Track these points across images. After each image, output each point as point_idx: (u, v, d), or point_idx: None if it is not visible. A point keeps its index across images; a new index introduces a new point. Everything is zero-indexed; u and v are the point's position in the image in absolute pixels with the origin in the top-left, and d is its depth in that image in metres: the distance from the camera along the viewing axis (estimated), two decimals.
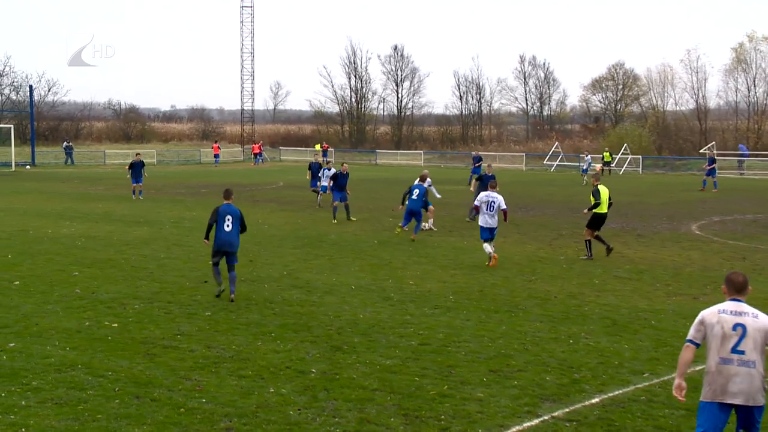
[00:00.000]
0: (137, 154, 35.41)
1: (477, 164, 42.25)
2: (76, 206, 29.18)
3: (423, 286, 15.05)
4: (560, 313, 12.88)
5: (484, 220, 17.41)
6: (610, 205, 18.64)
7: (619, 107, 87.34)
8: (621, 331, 11.70)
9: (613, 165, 59.06)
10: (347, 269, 16.72)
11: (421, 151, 73.32)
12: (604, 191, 18.46)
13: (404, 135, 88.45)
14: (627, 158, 61.38)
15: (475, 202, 17.73)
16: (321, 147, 71.13)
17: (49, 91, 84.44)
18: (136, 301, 13.38)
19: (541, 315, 12.72)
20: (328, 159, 41.45)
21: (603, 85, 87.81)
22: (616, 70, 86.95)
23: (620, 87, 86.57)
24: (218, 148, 65.55)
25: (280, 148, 77.67)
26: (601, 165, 56.06)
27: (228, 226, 13.48)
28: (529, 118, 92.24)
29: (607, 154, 56.70)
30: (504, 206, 17.32)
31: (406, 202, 21.91)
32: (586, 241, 18.43)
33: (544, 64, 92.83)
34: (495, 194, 17.48)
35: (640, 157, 61.84)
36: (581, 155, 55.44)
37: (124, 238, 21.10)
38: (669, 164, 61.91)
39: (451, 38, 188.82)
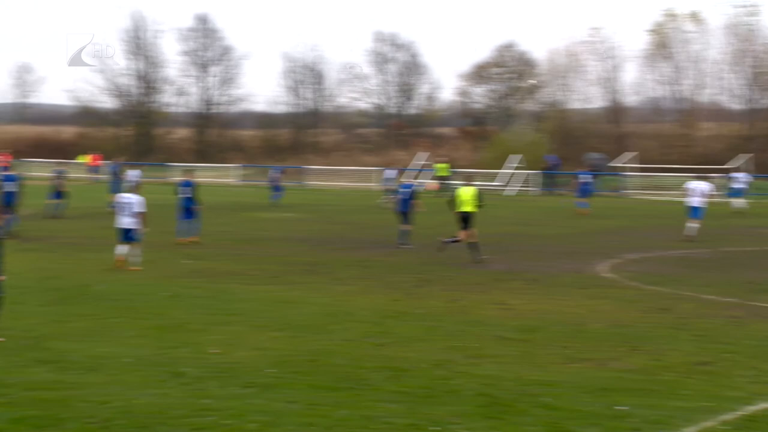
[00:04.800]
0: None
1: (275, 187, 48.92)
2: None
3: (231, 355, 14.92)
4: (422, 389, 13.07)
5: (120, 221, 24.67)
6: (481, 205, 27.24)
7: (509, 104, 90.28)
8: (503, 413, 11.99)
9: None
10: (121, 334, 16.34)
11: (237, 165, 73.26)
12: (464, 192, 27.33)
13: (211, 142, 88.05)
14: (521, 174, 63.42)
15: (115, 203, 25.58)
16: (89, 159, 69.68)
17: None
18: None
19: (396, 392, 12.86)
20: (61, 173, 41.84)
21: (488, 73, 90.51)
22: (505, 53, 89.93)
23: (511, 77, 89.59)
24: None
25: (27, 159, 75.22)
26: (436, 182, 57.97)
27: None
28: (386, 118, 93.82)
29: (443, 166, 58.57)
30: (141, 209, 24.75)
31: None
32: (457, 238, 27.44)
33: (409, 44, 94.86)
34: (131, 196, 25.08)
35: (530, 172, 63.91)
36: (386, 169, 55.84)
37: None
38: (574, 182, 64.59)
39: (277, 5, 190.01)
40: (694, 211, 33.79)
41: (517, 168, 63.73)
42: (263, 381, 13.37)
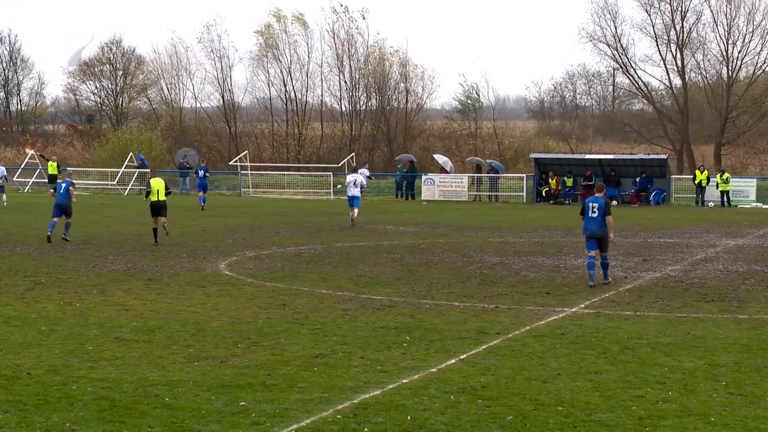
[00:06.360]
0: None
1: None
2: None
3: None
4: (36, 396, 12.63)
5: None
6: (168, 193, 31.26)
7: (121, 102, 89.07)
8: (123, 416, 11.84)
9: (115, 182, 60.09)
10: None
11: None
12: (155, 183, 30.95)
13: None
14: (133, 172, 62.75)
15: None
16: None
17: None
18: None
19: (7, 401, 12.34)
20: None
21: (97, 70, 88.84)
22: (111, 49, 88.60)
23: (120, 74, 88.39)
24: None
25: None
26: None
27: None
28: None
29: (52, 164, 57.45)
30: None
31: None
32: (153, 229, 30.87)
33: (9, 37, 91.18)
34: None
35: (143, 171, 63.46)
36: None
37: None
38: (192, 180, 64.63)
39: None
40: (353, 201, 38.51)
41: (128, 167, 62.92)
42: None
